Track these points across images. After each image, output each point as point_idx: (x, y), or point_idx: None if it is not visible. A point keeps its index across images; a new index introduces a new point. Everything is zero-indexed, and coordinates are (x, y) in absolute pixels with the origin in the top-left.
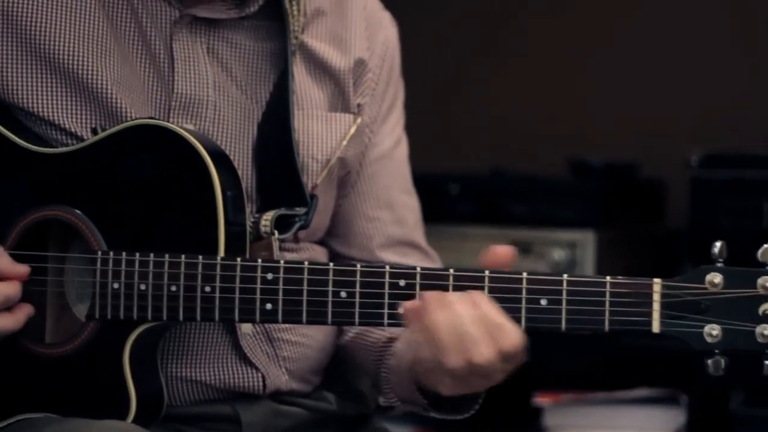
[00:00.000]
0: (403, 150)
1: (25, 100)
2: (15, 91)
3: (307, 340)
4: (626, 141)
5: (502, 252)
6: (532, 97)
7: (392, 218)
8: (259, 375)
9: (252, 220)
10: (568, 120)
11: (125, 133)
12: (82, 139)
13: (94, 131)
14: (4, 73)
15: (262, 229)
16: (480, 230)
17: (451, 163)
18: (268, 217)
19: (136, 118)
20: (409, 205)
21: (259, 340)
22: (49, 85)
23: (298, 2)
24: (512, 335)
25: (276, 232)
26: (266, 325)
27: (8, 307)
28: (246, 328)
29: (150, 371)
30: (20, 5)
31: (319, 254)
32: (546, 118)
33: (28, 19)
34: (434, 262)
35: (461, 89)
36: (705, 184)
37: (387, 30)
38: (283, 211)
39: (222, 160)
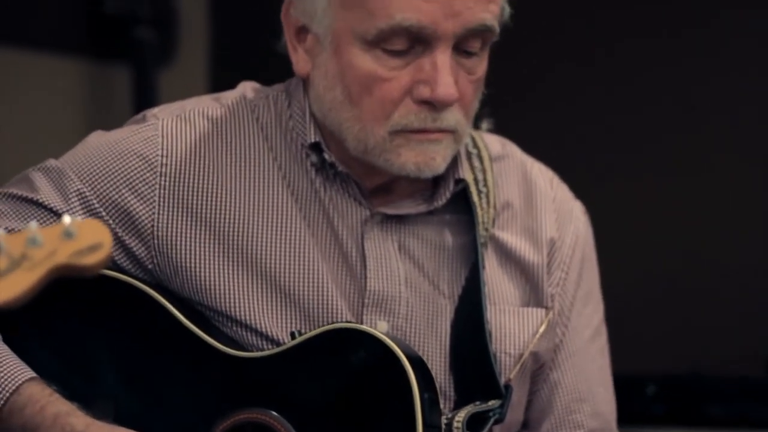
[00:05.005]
0: (600, 341)
1: (224, 304)
2: (214, 295)
3: None
4: None
5: None
6: (728, 298)
7: (590, 411)
8: None
9: (445, 420)
10: (765, 319)
11: (323, 337)
12: (278, 343)
13: (293, 335)
14: (204, 277)
15: (455, 430)
16: None
17: (647, 364)
18: (460, 418)
19: (333, 322)
20: (606, 398)
21: None
22: (251, 289)
23: (487, 195)
24: None
25: None
26: None
27: None
28: None
29: None
30: (220, 212)
31: None
32: (742, 317)
33: (228, 224)
34: None
35: (655, 289)
36: None
37: (578, 220)
38: (476, 406)
39: (419, 363)
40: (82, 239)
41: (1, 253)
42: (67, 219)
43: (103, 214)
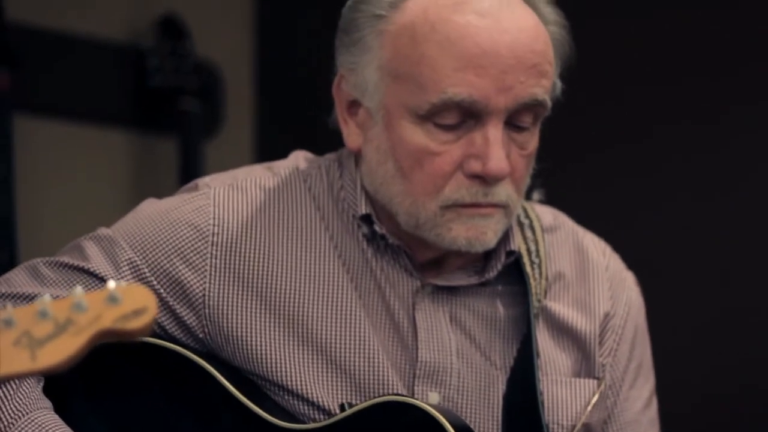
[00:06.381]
0: (651, 413)
1: (274, 373)
2: (264, 364)
3: None
4: None
5: None
6: None
7: None
8: None
9: None
10: None
11: (373, 409)
12: (330, 413)
13: (342, 407)
14: (255, 346)
15: None
16: None
17: None
18: None
19: (383, 394)
20: None
21: None
22: (303, 359)
23: (539, 266)
24: None
25: None
26: None
27: None
28: None
29: None
30: (271, 282)
31: None
32: None
33: (279, 293)
34: None
35: (706, 359)
36: None
37: (630, 290)
38: None
39: None
40: (126, 304)
41: (47, 318)
42: (111, 284)
43: (155, 283)
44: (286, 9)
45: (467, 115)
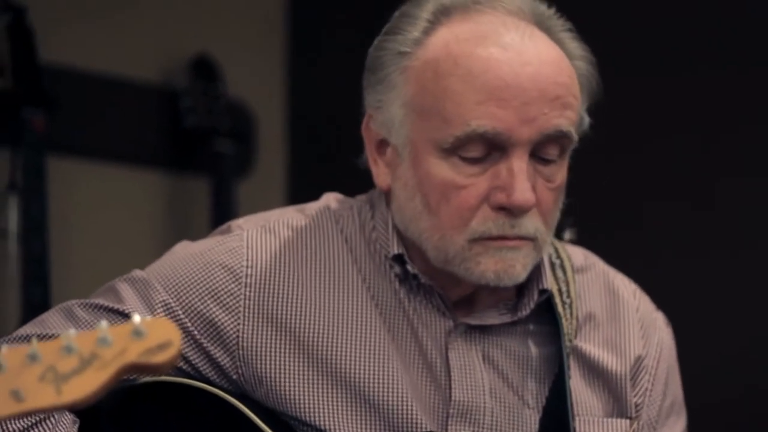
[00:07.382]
0: None
1: (308, 414)
2: (297, 405)
3: None
4: None
5: None
6: None
7: None
8: None
9: None
10: None
11: None
12: None
13: None
14: (288, 387)
15: None
16: None
17: None
18: None
19: (417, 430)
20: None
21: None
22: (336, 400)
23: (570, 306)
24: None
25: None
26: None
27: None
28: None
29: None
30: (304, 323)
31: None
32: None
33: (313, 335)
34: None
35: (739, 400)
36: None
37: (662, 331)
38: None
39: None
40: (151, 338)
41: (72, 353)
42: (136, 318)
43: (189, 324)
44: (318, 50)
45: (492, 148)
